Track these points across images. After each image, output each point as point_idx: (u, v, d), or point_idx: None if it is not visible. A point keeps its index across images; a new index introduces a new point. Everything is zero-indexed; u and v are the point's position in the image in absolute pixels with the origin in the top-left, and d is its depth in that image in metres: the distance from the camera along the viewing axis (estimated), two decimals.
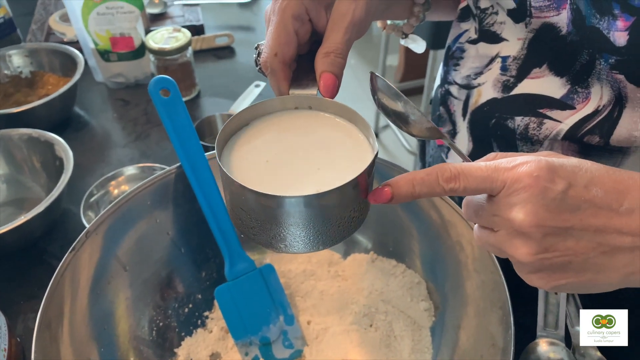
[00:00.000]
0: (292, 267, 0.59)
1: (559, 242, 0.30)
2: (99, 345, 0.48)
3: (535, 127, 0.43)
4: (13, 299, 0.62)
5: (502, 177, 0.31)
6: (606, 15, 0.35)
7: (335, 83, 0.38)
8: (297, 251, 0.36)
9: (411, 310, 0.53)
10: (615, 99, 0.38)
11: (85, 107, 0.91)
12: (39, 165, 0.72)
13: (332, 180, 0.33)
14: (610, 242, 0.30)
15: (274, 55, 0.38)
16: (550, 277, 0.32)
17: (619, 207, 0.30)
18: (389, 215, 0.56)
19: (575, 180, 0.30)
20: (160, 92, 0.52)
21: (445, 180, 0.32)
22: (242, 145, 0.38)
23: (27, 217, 0.61)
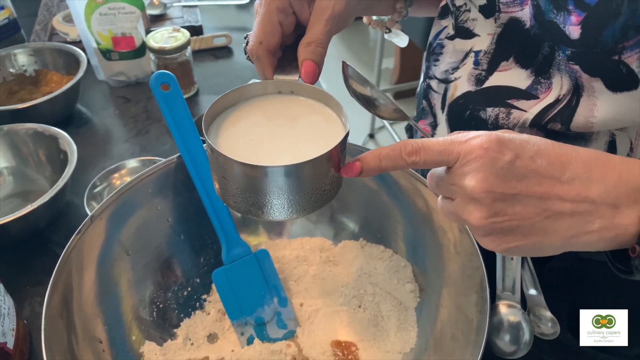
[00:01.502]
0: (286, 252, 0.63)
1: (507, 207, 0.33)
2: (103, 322, 0.51)
3: (504, 116, 0.47)
4: (20, 284, 0.65)
5: (456, 150, 0.34)
6: (562, 11, 0.39)
7: (315, 70, 0.42)
8: (273, 218, 0.40)
9: (397, 292, 0.56)
10: (573, 88, 0.42)
11: (88, 104, 0.94)
12: (44, 158, 0.75)
13: (307, 154, 0.36)
14: (553, 208, 0.33)
15: (259, 44, 0.42)
16: (501, 240, 0.35)
17: (561, 177, 0.33)
18: (375, 202, 0.59)
19: (522, 152, 0.33)
20: (160, 87, 0.55)
21: (408, 154, 0.35)
22: (228, 124, 0.42)
23: (33, 206, 0.63)
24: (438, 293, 0.54)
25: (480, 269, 0.46)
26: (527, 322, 0.44)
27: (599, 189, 0.33)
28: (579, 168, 0.33)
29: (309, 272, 0.61)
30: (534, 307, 0.46)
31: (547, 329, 0.45)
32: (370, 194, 0.59)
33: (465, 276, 0.50)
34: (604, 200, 0.33)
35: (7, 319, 0.54)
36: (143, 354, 0.53)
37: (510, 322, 0.44)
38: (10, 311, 0.56)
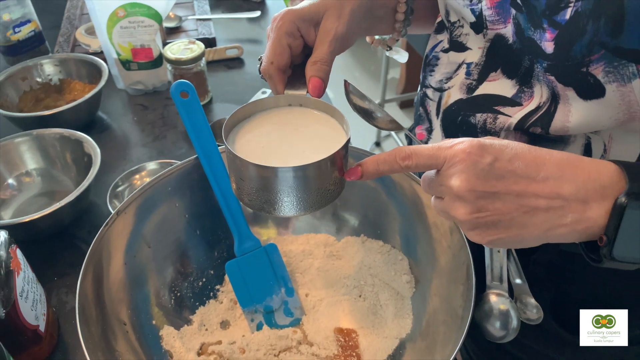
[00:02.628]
0: (293, 247, 0.68)
1: (489, 204, 0.38)
2: (127, 307, 0.56)
3: (491, 121, 0.52)
4: (47, 276, 0.70)
5: (443, 154, 0.39)
6: (538, 29, 0.44)
7: (321, 85, 0.49)
8: (284, 214, 0.46)
9: (395, 283, 0.61)
10: (551, 96, 0.46)
11: (108, 112, 1.00)
12: (70, 160, 0.81)
13: (313, 158, 0.43)
14: (529, 204, 0.38)
15: (270, 64, 0.49)
16: (485, 233, 0.39)
17: (536, 176, 0.37)
18: (374, 200, 0.64)
19: (501, 155, 0.38)
20: (180, 94, 0.60)
21: (402, 159, 0.40)
22: (244, 133, 0.48)
23: (60, 204, 0.69)
24: (430, 283, 0.59)
25: (467, 262, 0.51)
26: (514, 310, 0.48)
27: (570, 187, 0.37)
28: (552, 169, 0.38)
29: (314, 265, 0.66)
30: (520, 295, 0.50)
31: (532, 314, 0.49)
32: (369, 193, 0.64)
33: (455, 268, 0.55)
34: (575, 197, 0.38)
35: (39, 304, 0.60)
36: (162, 337, 0.58)
37: (500, 309, 0.48)
38: (41, 298, 0.61)
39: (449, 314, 0.53)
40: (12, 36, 1.04)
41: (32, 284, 0.59)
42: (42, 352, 0.61)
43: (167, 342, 0.58)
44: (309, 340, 0.60)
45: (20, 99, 0.95)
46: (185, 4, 1.28)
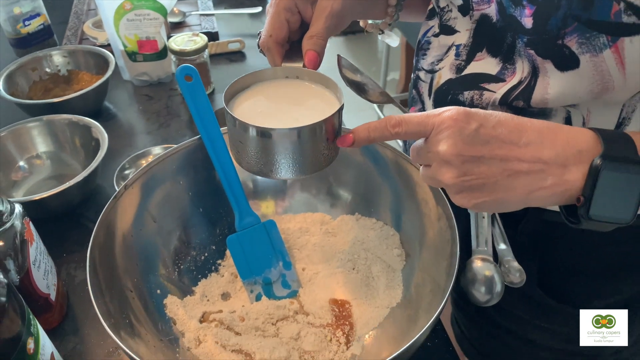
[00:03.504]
0: (290, 225, 0.71)
1: (474, 168, 0.40)
2: (133, 276, 0.60)
3: (478, 97, 0.55)
4: (57, 253, 0.73)
5: (431, 121, 0.42)
6: (518, 6, 0.47)
7: (317, 58, 0.52)
8: (280, 177, 0.49)
9: (386, 256, 0.65)
10: (532, 70, 0.50)
11: (114, 102, 1.04)
12: (79, 145, 0.85)
13: (309, 122, 0.46)
14: (512, 168, 0.40)
15: (269, 37, 0.52)
16: (470, 196, 0.42)
17: (518, 142, 0.40)
18: (367, 178, 0.68)
19: (486, 122, 0.40)
20: (184, 78, 0.64)
21: (392, 126, 0.43)
22: (243, 100, 0.52)
23: (69, 184, 0.73)
24: (419, 257, 0.62)
25: (452, 239, 0.54)
26: (498, 274, 0.51)
27: (550, 152, 0.40)
28: (534, 135, 0.40)
29: (310, 242, 0.69)
30: (504, 259, 0.53)
31: (515, 278, 0.51)
32: (363, 171, 0.67)
33: (441, 245, 0.58)
34: (554, 161, 0.40)
35: (50, 275, 0.63)
36: (166, 305, 0.61)
37: (485, 275, 0.51)
38: (52, 270, 0.65)
39: (434, 286, 0.57)
40: (22, 29, 1.09)
41: (44, 256, 0.63)
42: (53, 320, 0.64)
43: (171, 310, 0.61)
44: (305, 310, 0.64)
45: (30, 88, 0.99)
46: (189, 0, 1.32)
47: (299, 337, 0.60)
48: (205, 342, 0.59)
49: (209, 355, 0.58)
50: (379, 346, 0.59)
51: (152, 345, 0.55)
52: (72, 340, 0.64)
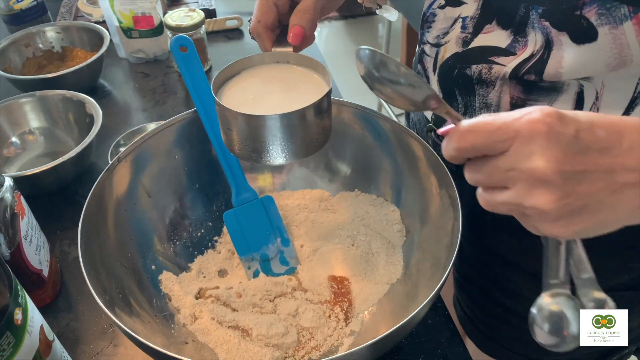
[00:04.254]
0: (289, 202, 0.70)
1: (576, 186, 0.31)
2: (128, 250, 0.58)
3: (487, 71, 0.53)
4: (50, 229, 0.72)
5: (513, 127, 0.31)
6: None
7: (303, 33, 0.50)
8: (271, 162, 0.48)
9: (386, 232, 0.63)
10: (545, 43, 0.48)
11: (110, 79, 1.02)
12: (73, 121, 0.83)
13: (296, 107, 0.45)
14: (618, 180, 0.32)
15: (258, 22, 0.51)
16: (570, 223, 0.33)
17: (620, 146, 0.32)
18: (369, 154, 0.66)
19: (580, 123, 0.32)
20: (179, 48, 0.62)
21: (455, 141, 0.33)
22: (232, 87, 0.51)
23: (63, 159, 0.71)
24: (420, 233, 0.61)
25: (454, 217, 0.52)
26: (573, 310, 0.39)
27: None
28: (634, 136, 0.32)
29: (309, 218, 0.68)
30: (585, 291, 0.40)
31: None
32: (362, 145, 0.66)
33: (442, 221, 0.56)
34: None
35: (43, 250, 0.62)
36: (161, 281, 0.60)
37: (551, 310, 0.39)
38: (45, 245, 0.63)
39: (434, 261, 0.55)
40: (15, 5, 1.06)
41: (36, 230, 0.61)
42: (45, 297, 0.63)
43: (166, 286, 0.60)
44: (303, 286, 0.62)
45: (23, 65, 0.97)
46: None
47: (297, 314, 0.59)
48: (201, 319, 0.58)
49: (204, 332, 0.57)
50: (378, 322, 0.58)
51: (146, 322, 0.54)
52: (66, 317, 0.63)
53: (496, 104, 0.53)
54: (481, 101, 0.54)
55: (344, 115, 0.64)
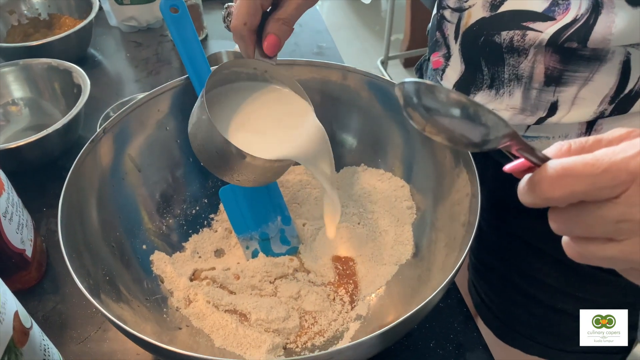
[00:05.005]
0: (290, 177, 0.65)
1: None
2: (116, 229, 0.54)
3: (519, 39, 0.47)
4: (36, 207, 0.68)
5: (627, 169, 0.25)
6: None
7: (278, 44, 0.47)
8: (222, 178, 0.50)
9: (395, 210, 0.59)
10: (592, 6, 0.42)
11: (100, 49, 0.97)
12: (59, 91, 0.78)
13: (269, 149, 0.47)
14: None
15: (243, 25, 0.46)
16: None
17: None
18: (376, 123, 0.61)
19: None
20: (170, 9, 0.57)
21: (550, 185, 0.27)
22: (222, 104, 0.51)
23: (48, 131, 0.66)
24: (432, 210, 0.56)
25: (472, 193, 0.48)
26: None
27: None
28: None
29: (312, 195, 0.63)
30: None
31: None
32: (370, 115, 0.61)
33: (458, 197, 0.52)
34: None
35: (26, 229, 0.57)
36: (153, 261, 0.56)
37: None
38: (28, 223, 0.59)
39: (449, 241, 0.51)
40: None
41: (18, 208, 0.57)
42: (30, 279, 0.59)
43: (158, 267, 0.56)
44: (305, 267, 0.58)
45: (8, 33, 0.91)
46: None
47: (299, 297, 0.54)
48: (196, 302, 0.54)
49: (199, 316, 0.53)
50: (387, 306, 0.53)
51: (136, 306, 0.50)
52: (53, 300, 0.59)
53: (528, 75, 0.48)
54: (511, 72, 0.49)
55: (350, 82, 0.59)
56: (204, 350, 0.50)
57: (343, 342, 0.50)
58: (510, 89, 0.50)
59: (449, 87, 0.56)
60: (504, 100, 0.51)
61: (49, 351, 0.44)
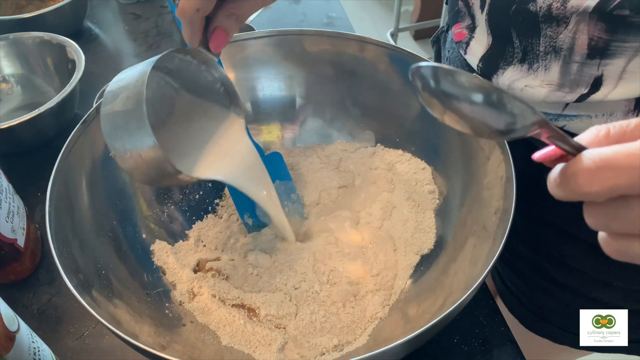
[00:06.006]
0: (300, 159, 0.60)
1: None
2: (113, 218, 0.50)
3: (559, 5, 0.41)
4: (31, 191, 0.64)
5: None
6: None
7: (226, 41, 0.42)
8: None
9: (415, 195, 0.54)
10: None
11: (97, 22, 0.91)
12: (52, 67, 0.73)
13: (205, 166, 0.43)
14: None
15: (197, 10, 0.39)
16: None
17: None
18: (395, 100, 0.56)
19: None
20: None
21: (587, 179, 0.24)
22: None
23: (40, 110, 0.62)
24: (458, 195, 0.51)
25: (507, 177, 0.43)
26: None
27: None
28: None
29: (325, 178, 0.58)
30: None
31: None
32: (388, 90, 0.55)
33: (489, 181, 0.47)
34: None
35: (17, 217, 0.53)
36: (153, 252, 0.52)
37: None
38: (19, 211, 0.55)
39: (477, 231, 0.46)
40: None
41: (7, 194, 0.52)
42: (23, 269, 0.55)
43: (159, 258, 0.51)
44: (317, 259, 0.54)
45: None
46: None
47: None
48: (201, 295, 0.50)
49: (204, 311, 0.49)
50: (408, 301, 0.49)
51: (135, 301, 0.45)
52: (48, 292, 0.55)
53: (568, 47, 0.42)
54: (547, 44, 0.43)
55: (367, 55, 0.53)
56: (210, 349, 0.46)
57: (361, 341, 0.46)
58: (546, 63, 0.44)
59: (475, 62, 0.51)
60: (539, 76, 0.45)
61: (40, 354, 0.40)
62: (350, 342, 0.46)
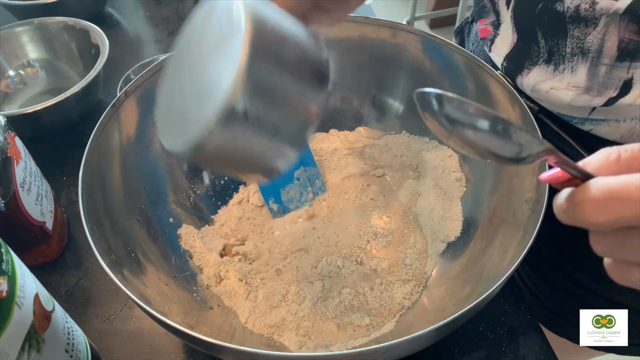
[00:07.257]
0: (324, 145, 0.60)
1: None
2: (141, 201, 0.50)
3: (588, 7, 0.40)
4: (56, 175, 0.64)
5: None
6: None
7: None
8: None
9: (442, 182, 0.54)
10: None
11: (118, 8, 0.91)
12: (76, 52, 0.73)
13: None
14: None
15: None
16: None
17: None
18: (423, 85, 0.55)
19: None
20: None
21: (594, 209, 0.24)
22: None
23: (66, 94, 0.62)
24: (486, 183, 0.51)
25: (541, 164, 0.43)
26: None
27: None
28: None
29: (349, 165, 0.58)
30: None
31: None
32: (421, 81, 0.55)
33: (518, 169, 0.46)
34: None
35: (45, 200, 0.54)
36: (180, 236, 0.52)
37: None
38: (47, 194, 0.55)
39: (507, 218, 0.46)
40: None
41: (36, 177, 0.53)
42: (51, 252, 0.56)
43: (186, 242, 0.52)
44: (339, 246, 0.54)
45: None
46: None
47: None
48: (227, 279, 0.50)
49: (231, 295, 0.49)
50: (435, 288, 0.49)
51: (163, 284, 0.46)
52: (75, 274, 0.56)
53: (597, 49, 0.41)
54: (574, 45, 0.42)
55: (400, 41, 0.53)
56: (236, 332, 0.46)
57: (388, 327, 0.46)
58: (572, 65, 0.43)
59: (499, 60, 0.50)
60: (565, 78, 0.44)
61: (74, 334, 0.41)
62: (380, 324, 0.46)
